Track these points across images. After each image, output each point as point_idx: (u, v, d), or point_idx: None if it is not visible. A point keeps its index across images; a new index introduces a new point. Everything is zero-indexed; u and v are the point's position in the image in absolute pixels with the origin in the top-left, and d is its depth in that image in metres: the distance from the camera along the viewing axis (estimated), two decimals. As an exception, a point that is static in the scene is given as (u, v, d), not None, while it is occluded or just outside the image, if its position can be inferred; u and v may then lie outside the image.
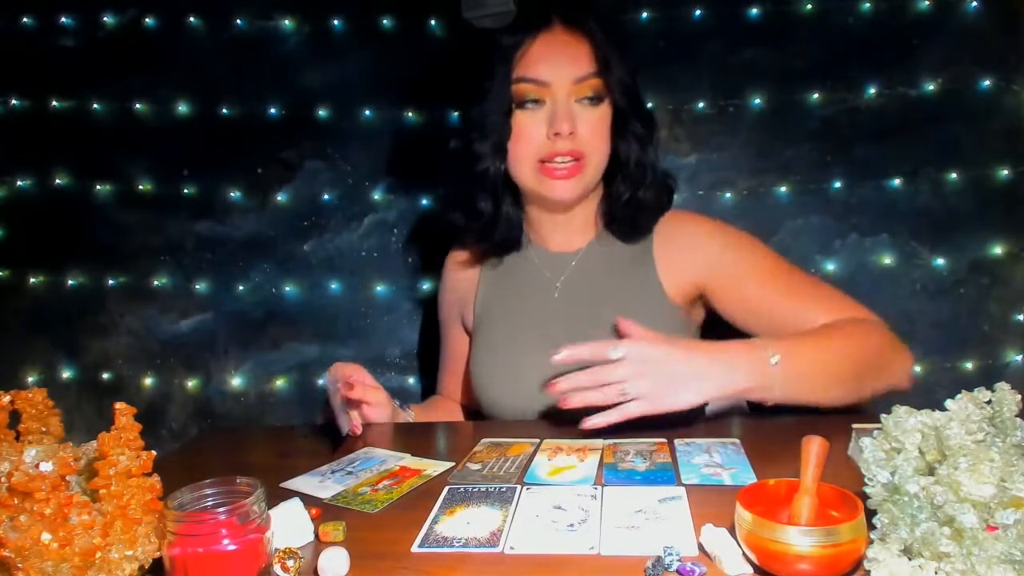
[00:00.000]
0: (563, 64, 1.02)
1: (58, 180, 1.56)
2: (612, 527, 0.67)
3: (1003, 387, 0.59)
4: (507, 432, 0.96)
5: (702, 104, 1.48)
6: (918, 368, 1.45)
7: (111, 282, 1.57)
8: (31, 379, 1.58)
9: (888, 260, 1.46)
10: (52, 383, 1.56)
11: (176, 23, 1.52)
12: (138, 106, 1.54)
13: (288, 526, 0.66)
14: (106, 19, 1.53)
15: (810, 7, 1.43)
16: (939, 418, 0.57)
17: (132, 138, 1.55)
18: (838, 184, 1.46)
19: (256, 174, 1.54)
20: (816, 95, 1.45)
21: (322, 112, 1.52)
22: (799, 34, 1.44)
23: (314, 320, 1.56)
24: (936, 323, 1.46)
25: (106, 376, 1.59)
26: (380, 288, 1.55)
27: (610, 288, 1.09)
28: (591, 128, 1.04)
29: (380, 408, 1.04)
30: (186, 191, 1.55)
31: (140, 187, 1.55)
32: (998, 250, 1.44)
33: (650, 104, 1.12)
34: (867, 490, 0.57)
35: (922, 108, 1.43)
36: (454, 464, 0.86)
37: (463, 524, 0.69)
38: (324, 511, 0.73)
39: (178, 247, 1.57)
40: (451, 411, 1.27)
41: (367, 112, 1.52)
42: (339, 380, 0.98)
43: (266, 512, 0.62)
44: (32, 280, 1.58)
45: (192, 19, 1.52)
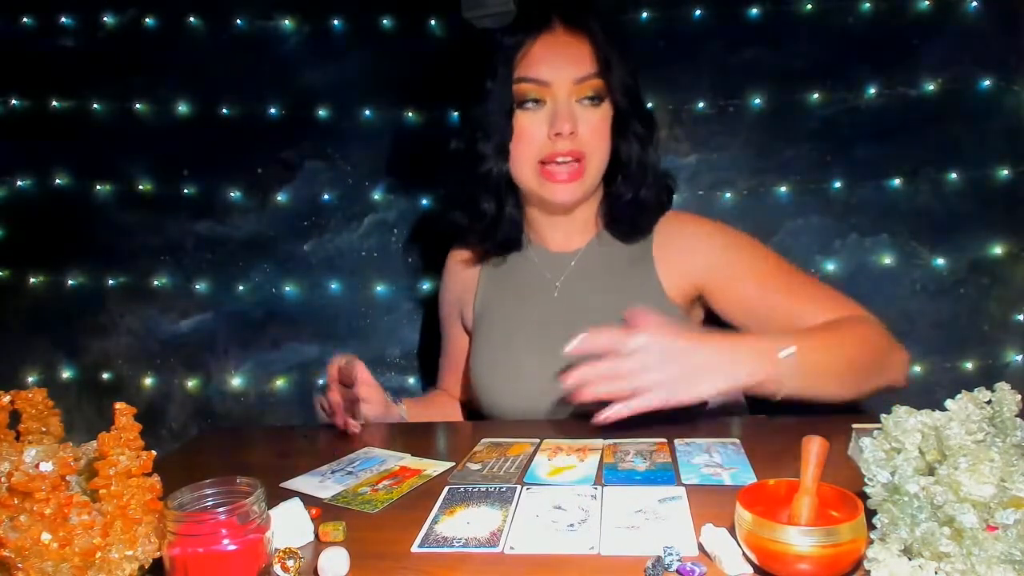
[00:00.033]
0: (564, 64, 1.02)
1: (58, 180, 1.56)
2: (612, 527, 0.67)
3: (1003, 387, 0.59)
4: (507, 432, 0.96)
5: (702, 104, 1.48)
6: (918, 368, 1.45)
7: (111, 282, 1.57)
8: (31, 379, 1.58)
9: (888, 260, 1.46)
10: (52, 383, 1.56)
11: (176, 23, 1.52)
12: (138, 106, 1.54)
13: (288, 526, 0.66)
14: (106, 19, 1.53)
15: (810, 7, 1.43)
16: (939, 418, 0.57)
17: (132, 138, 1.55)
18: (838, 184, 1.46)
19: (256, 174, 1.55)
20: (816, 95, 1.45)
21: (322, 112, 1.52)
22: (799, 34, 1.44)
23: (314, 320, 1.56)
24: (936, 323, 1.46)
25: (106, 376, 1.59)
26: (380, 288, 1.55)
27: (610, 288, 1.09)
28: (592, 128, 1.04)
29: (375, 406, 1.05)
30: (186, 191, 1.55)
31: (140, 187, 1.55)
32: (998, 250, 1.44)
33: (650, 104, 1.12)
34: (867, 490, 0.57)
35: (922, 108, 1.43)
36: (454, 464, 0.86)
37: (463, 524, 0.69)
38: (324, 511, 0.73)
39: (178, 247, 1.57)
40: (448, 406, 1.27)
41: (367, 112, 1.52)
42: (337, 376, 1.01)
43: (266, 512, 0.62)
44: (32, 280, 1.58)
45: (192, 19, 1.52)
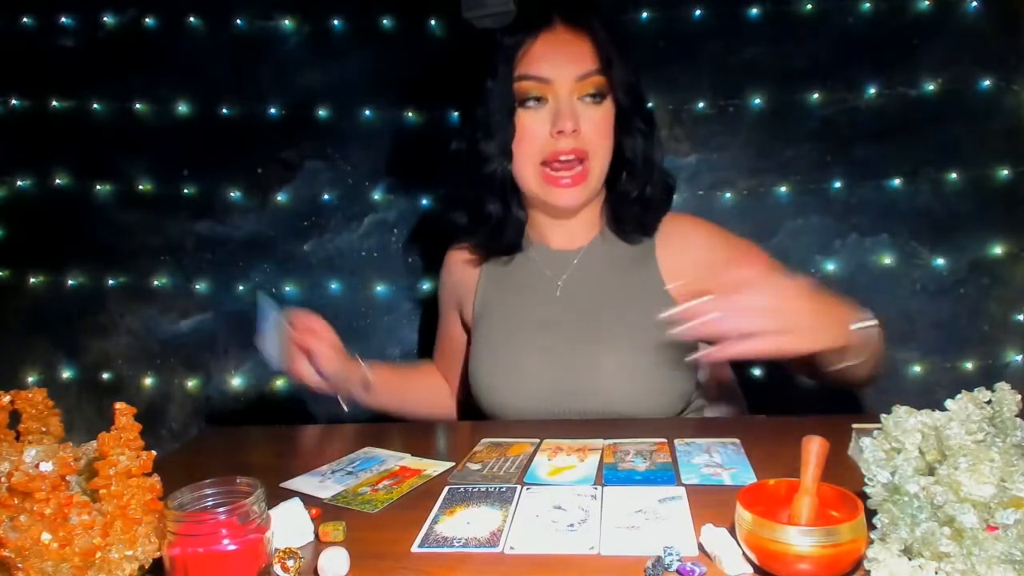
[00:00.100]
0: (565, 62, 1.02)
1: (58, 180, 1.56)
2: (612, 527, 0.66)
3: (1003, 387, 0.59)
4: (507, 432, 0.96)
5: (702, 104, 1.48)
6: (918, 368, 1.45)
7: (111, 282, 1.58)
8: (31, 379, 1.59)
9: (888, 260, 1.45)
10: (52, 383, 1.56)
11: (176, 23, 1.52)
12: (138, 106, 1.54)
13: (288, 526, 0.66)
14: (106, 19, 1.53)
15: (810, 7, 1.43)
16: (939, 418, 0.57)
17: (132, 138, 1.55)
18: (838, 184, 1.46)
19: (256, 174, 1.55)
20: (816, 95, 1.45)
21: (322, 112, 1.52)
22: (799, 34, 1.44)
23: (314, 320, 1.56)
24: (936, 323, 1.46)
25: (106, 376, 1.59)
26: (380, 288, 1.55)
27: (612, 287, 1.09)
28: (594, 126, 1.04)
29: (330, 361, 1.02)
30: (186, 191, 1.55)
31: (140, 187, 1.56)
32: (998, 250, 1.44)
33: (650, 104, 1.12)
34: (867, 490, 0.57)
35: (922, 108, 1.43)
36: (454, 464, 0.86)
37: (463, 524, 0.69)
38: (324, 511, 0.73)
39: (178, 247, 1.57)
40: (433, 382, 1.27)
41: (367, 112, 1.52)
42: (294, 326, 1.00)
43: (266, 512, 0.62)
44: (32, 280, 1.58)
45: (192, 19, 1.52)
